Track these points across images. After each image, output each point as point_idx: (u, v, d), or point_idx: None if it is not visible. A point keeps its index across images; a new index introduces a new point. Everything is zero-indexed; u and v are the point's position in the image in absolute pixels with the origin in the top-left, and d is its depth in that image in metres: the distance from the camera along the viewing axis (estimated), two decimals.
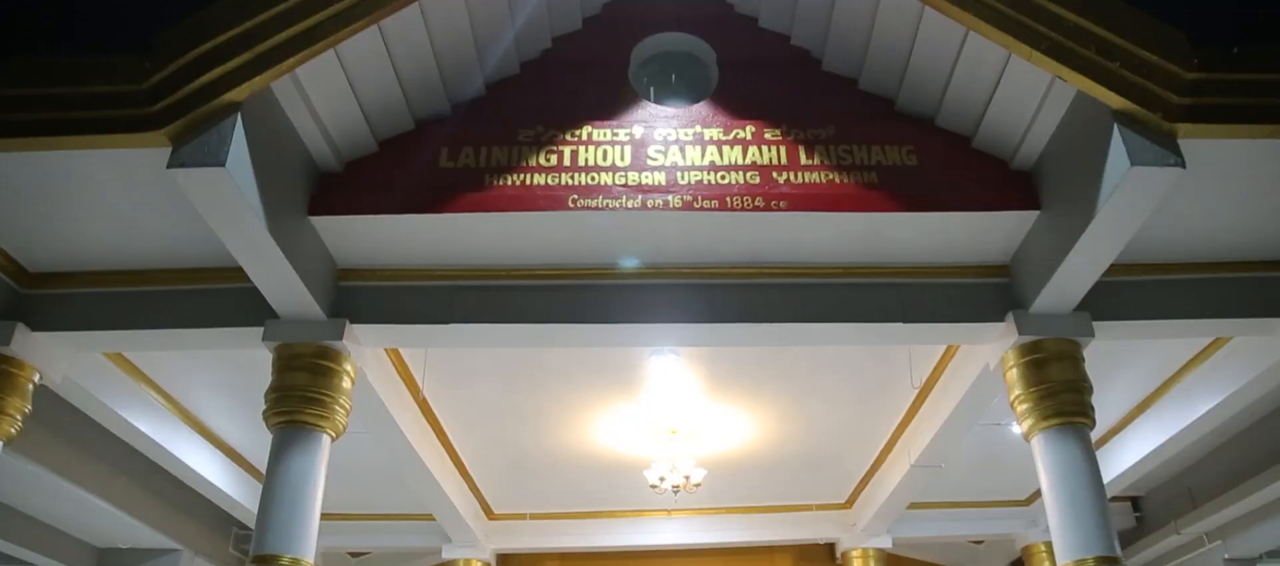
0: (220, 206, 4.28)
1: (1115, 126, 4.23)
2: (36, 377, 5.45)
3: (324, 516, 5.32)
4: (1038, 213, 5.03)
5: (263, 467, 5.19)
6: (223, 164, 4.04)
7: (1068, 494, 5.02)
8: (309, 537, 4.95)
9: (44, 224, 5.06)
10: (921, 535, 10.13)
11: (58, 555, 9.23)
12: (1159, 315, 5.42)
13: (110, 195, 4.79)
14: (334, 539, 10.02)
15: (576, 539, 10.29)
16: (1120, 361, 6.61)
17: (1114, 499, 9.29)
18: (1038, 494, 9.00)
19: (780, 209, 4.95)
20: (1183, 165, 4.16)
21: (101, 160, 4.48)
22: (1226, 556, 8.88)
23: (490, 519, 10.17)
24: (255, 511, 5.08)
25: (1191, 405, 6.78)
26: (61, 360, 5.61)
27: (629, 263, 5.35)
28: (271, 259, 4.66)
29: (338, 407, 5.26)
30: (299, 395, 5.15)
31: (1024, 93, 4.77)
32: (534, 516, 10.17)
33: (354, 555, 11.37)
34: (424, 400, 7.16)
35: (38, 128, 4.26)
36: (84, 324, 5.37)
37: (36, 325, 5.33)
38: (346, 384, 5.35)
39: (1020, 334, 5.24)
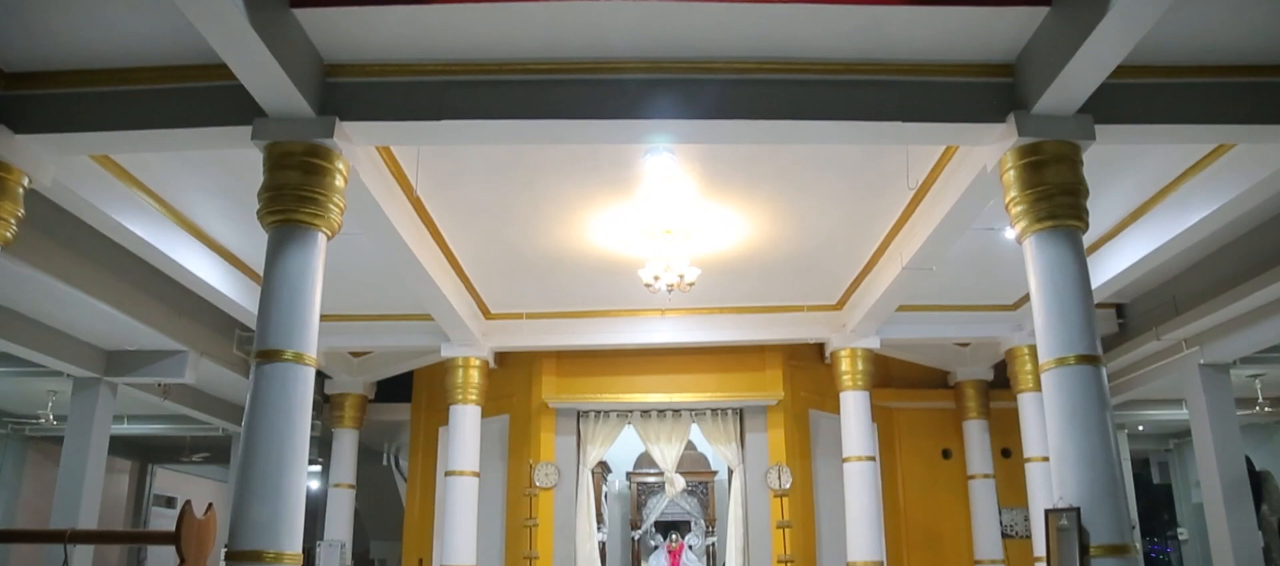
0: None
1: None
2: (26, 181, 5.41)
3: (324, 317, 5.41)
4: (1047, 9, 4.85)
5: (261, 271, 5.23)
6: None
7: (1055, 294, 5.12)
8: (310, 333, 5.07)
9: (18, 21, 4.86)
10: (909, 337, 10.40)
11: (68, 357, 9.51)
12: (1163, 119, 5.35)
13: None
14: (335, 339, 10.28)
15: (572, 337, 10.54)
16: (1118, 168, 6.56)
17: (1098, 305, 9.49)
18: (1025, 298, 9.17)
19: (780, 0, 4.76)
20: None
21: None
22: (1202, 362, 9.19)
23: (487, 318, 10.39)
24: (256, 312, 5.16)
25: (1184, 214, 6.80)
26: (48, 162, 5.54)
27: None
28: (255, 53, 4.52)
29: (331, 205, 5.25)
30: (292, 193, 5.14)
31: None
32: (530, 315, 10.39)
33: (355, 355, 11.72)
34: (418, 199, 7.15)
35: None
36: (67, 125, 5.28)
37: (19, 127, 5.24)
38: (339, 182, 5.32)
39: (1020, 135, 5.19)
